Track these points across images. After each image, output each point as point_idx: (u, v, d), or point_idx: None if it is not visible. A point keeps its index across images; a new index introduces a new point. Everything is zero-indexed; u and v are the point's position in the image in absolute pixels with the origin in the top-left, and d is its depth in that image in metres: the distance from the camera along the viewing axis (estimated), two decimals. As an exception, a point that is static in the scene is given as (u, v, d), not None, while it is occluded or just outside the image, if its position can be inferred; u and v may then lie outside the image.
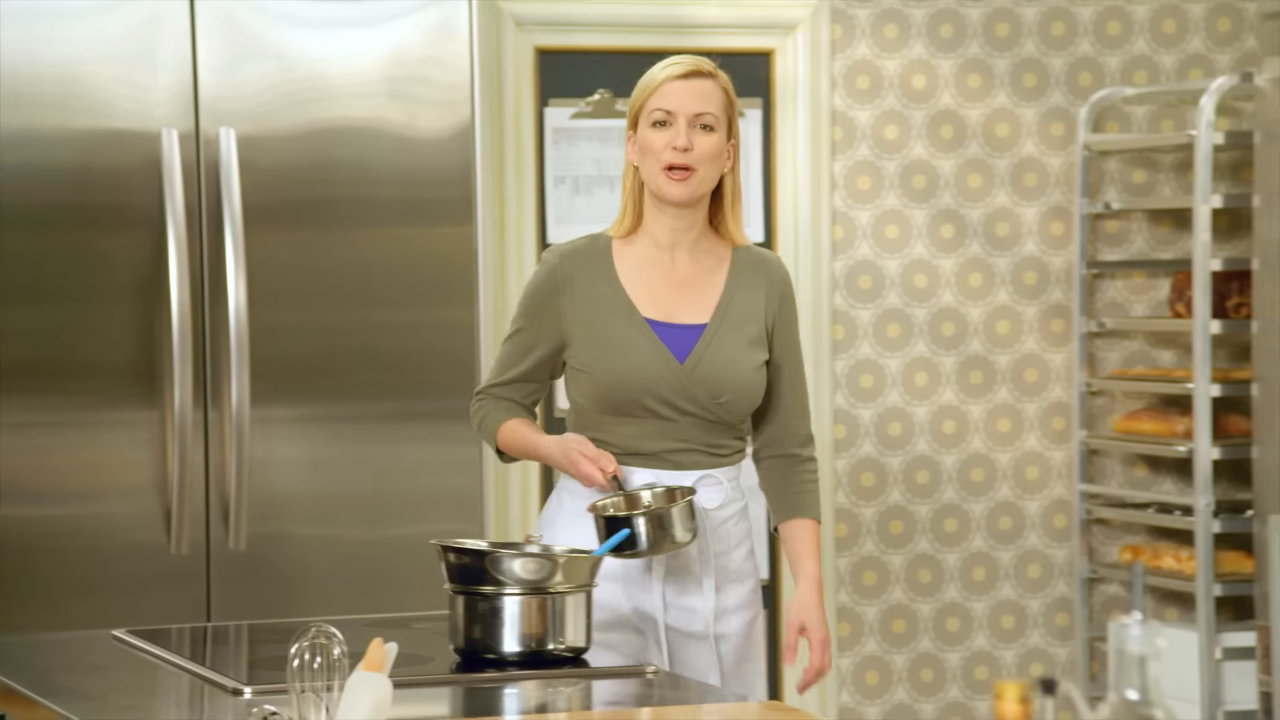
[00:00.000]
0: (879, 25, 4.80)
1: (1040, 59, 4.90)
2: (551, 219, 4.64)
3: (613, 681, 2.80)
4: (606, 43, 4.65)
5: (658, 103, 3.17)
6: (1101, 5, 4.90)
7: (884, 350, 4.85)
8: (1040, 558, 4.95)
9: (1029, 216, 4.93)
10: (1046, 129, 4.91)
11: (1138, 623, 1.68)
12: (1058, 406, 4.97)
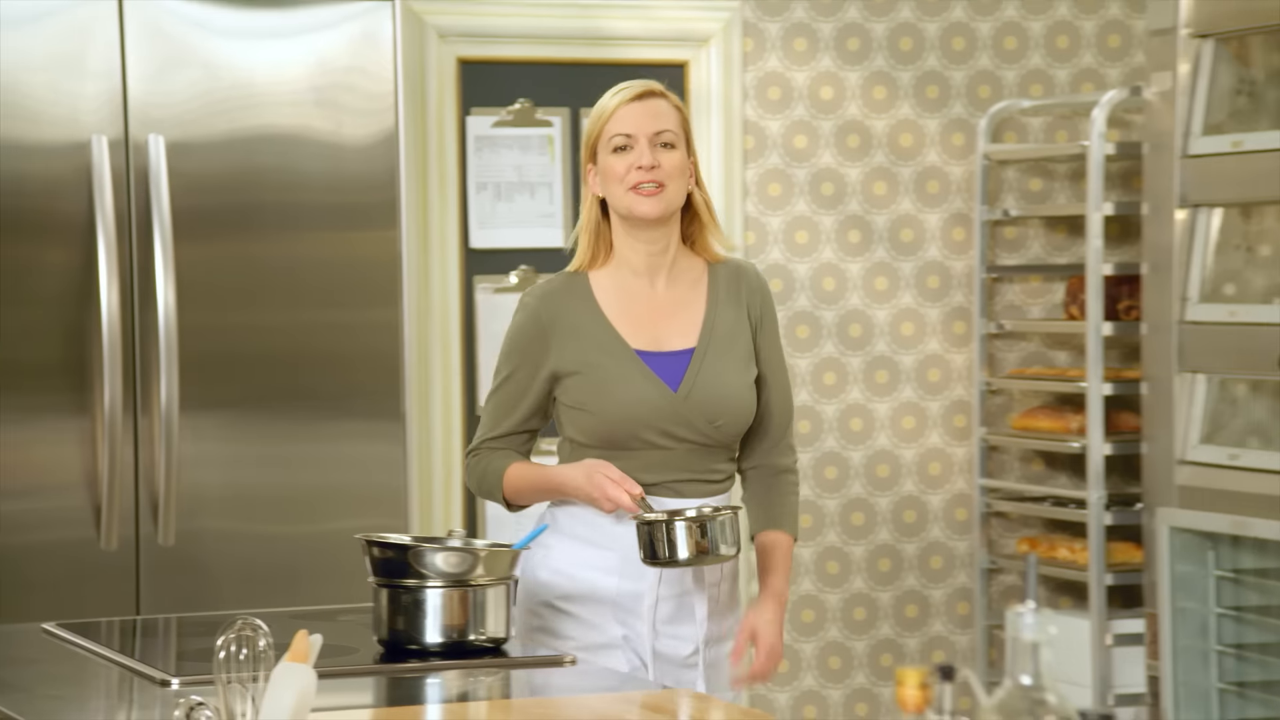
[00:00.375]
0: (789, 39, 4.81)
1: (942, 72, 4.92)
2: (474, 224, 4.62)
3: (533, 670, 2.79)
4: (526, 54, 4.64)
5: (615, 128, 3.07)
6: (999, 21, 4.93)
7: (794, 350, 4.86)
8: (942, 549, 4.97)
9: (932, 222, 4.94)
10: (948, 139, 4.93)
11: (1031, 611, 1.68)
12: (959, 405, 4.99)
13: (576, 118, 4.66)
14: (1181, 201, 4.40)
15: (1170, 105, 4.41)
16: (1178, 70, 4.39)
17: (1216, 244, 4.43)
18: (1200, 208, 4.41)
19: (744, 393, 3.10)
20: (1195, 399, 4.42)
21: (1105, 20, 4.97)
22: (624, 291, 3.11)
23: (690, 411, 3.04)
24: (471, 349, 4.62)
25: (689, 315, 3.12)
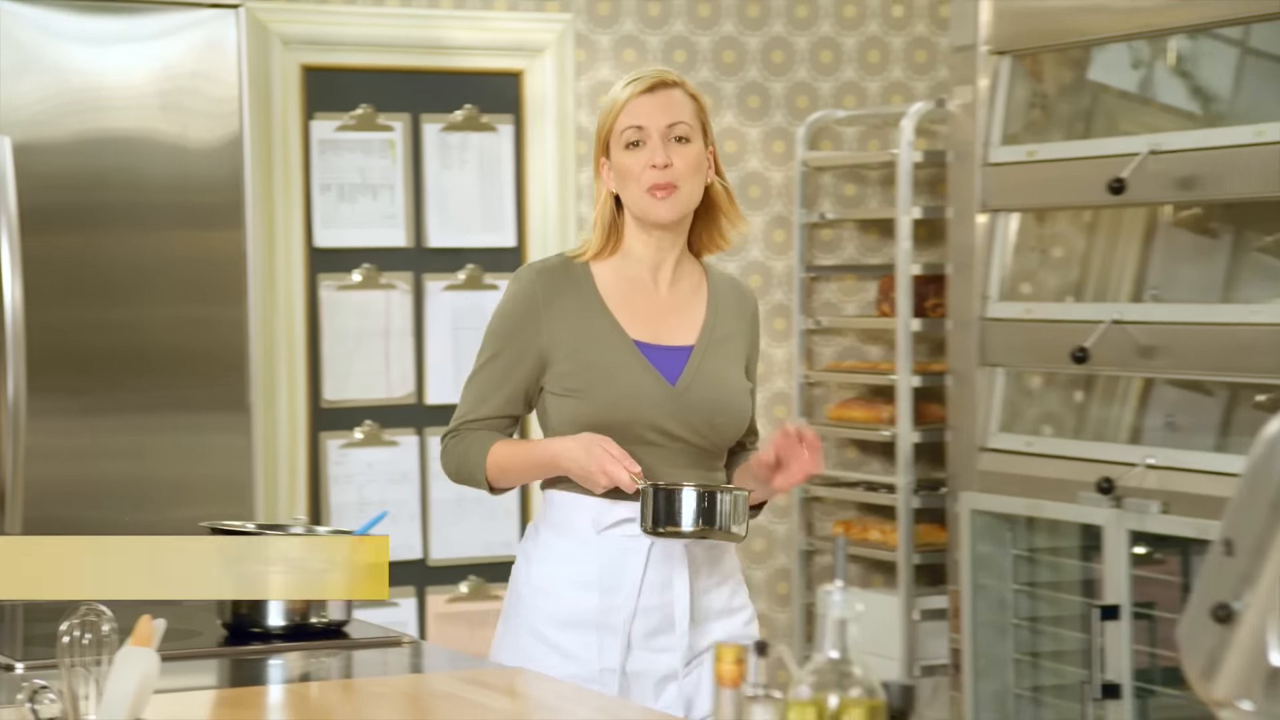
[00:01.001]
0: (619, 49, 4.80)
1: (763, 83, 4.93)
2: (318, 224, 4.56)
3: (372, 651, 2.75)
4: (368, 61, 4.58)
5: (627, 121, 2.76)
6: (816, 36, 4.96)
7: (624, 345, 4.85)
8: (764, 532, 4.98)
9: (755, 225, 4.96)
10: (769, 146, 4.95)
11: (839, 589, 1.68)
12: (780, 396, 5.01)
13: (417, 122, 4.62)
14: (982, 206, 4.45)
15: (971, 117, 4.45)
16: (978, 85, 4.44)
17: (1014, 246, 4.49)
18: (999, 212, 4.46)
19: (742, 395, 2.83)
20: (995, 390, 4.47)
21: (913, 37, 5.02)
22: (626, 282, 2.82)
23: (688, 407, 2.75)
24: (316, 344, 4.56)
25: (689, 314, 2.84)
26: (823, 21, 4.97)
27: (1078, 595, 4.27)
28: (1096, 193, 4.11)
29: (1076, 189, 4.21)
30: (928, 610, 4.71)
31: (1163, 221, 4.27)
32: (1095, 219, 4.43)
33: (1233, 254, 4.12)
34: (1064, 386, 4.47)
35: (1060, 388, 4.47)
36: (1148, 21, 4.08)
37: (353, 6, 4.60)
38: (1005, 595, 4.44)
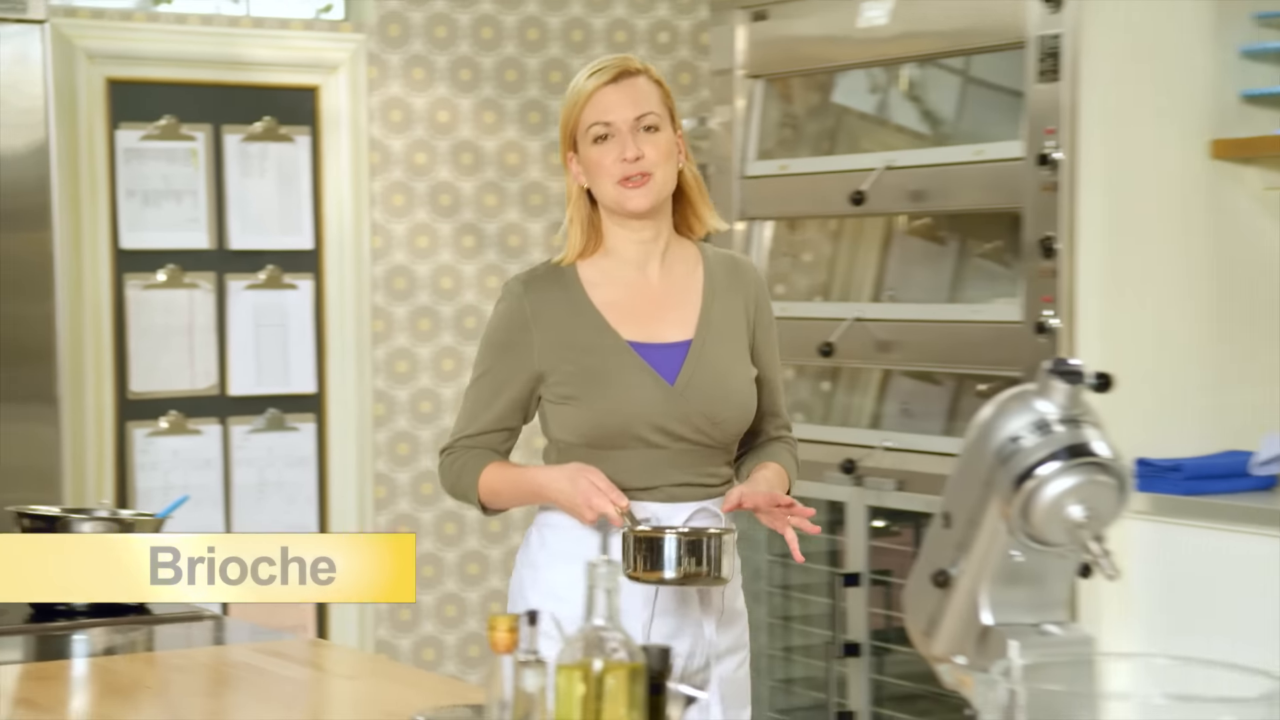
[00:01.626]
0: (408, 68, 4.77)
1: (542, 101, 4.93)
2: (123, 227, 4.45)
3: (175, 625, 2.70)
4: (171, 75, 4.49)
5: (593, 116, 2.49)
6: (590, 57, 4.94)
7: (417, 341, 4.82)
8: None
9: (535, 230, 4.96)
10: (548, 158, 4.95)
11: (605, 563, 1.69)
12: (558, 386, 5.02)
13: (218, 133, 4.54)
14: (740, 215, 4.50)
15: (730, 134, 4.50)
16: (736, 105, 4.49)
17: (769, 251, 4.54)
18: (755, 220, 4.51)
19: (745, 387, 2.53)
20: (753, 381, 4.51)
21: (677, 61, 5.06)
22: (614, 281, 2.54)
23: (688, 406, 2.47)
24: (123, 339, 4.47)
25: (685, 305, 2.55)
26: (596, 45, 4.98)
27: (824, 565, 4.33)
28: (840, 203, 4.18)
29: (823, 200, 4.28)
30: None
31: (898, 230, 4.35)
32: (839, 227, 4.50)
33: (958, 259, 4.21)
34: (812, 378, 4.53)
35: (809, 379, 4.54)
36: (883, 51, 4.16)
37: (156, 24, 4.51)
38: (760, 565, 4.49)
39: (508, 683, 1.68)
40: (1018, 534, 1.56)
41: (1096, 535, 1.53)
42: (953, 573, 1.64)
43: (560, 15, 4.93)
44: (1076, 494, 1.53)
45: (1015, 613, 1.59)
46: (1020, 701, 1.38)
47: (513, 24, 4.89)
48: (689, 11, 5.03)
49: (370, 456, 4.75)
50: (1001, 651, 1.56)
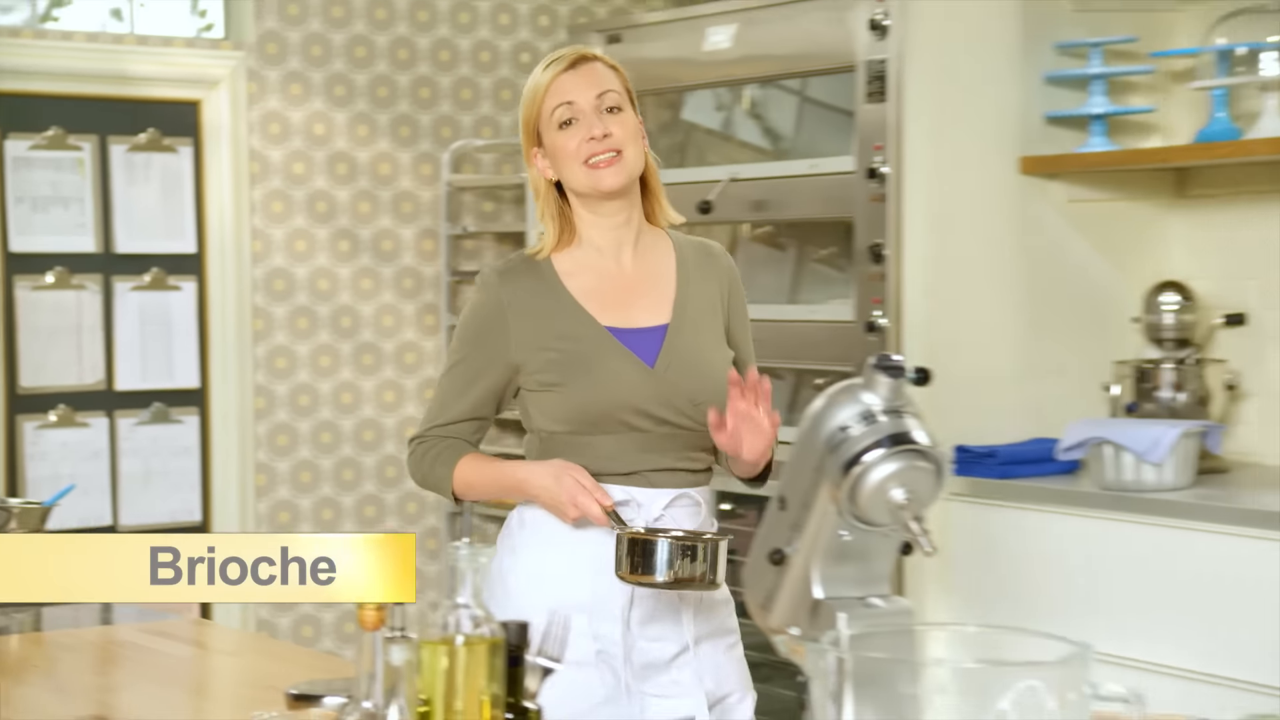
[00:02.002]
0: (286, 84, 4.71)
1: (413, 115, 4.91)
2: (13, 231, 4.35)
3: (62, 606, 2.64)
4: (59, 89, 4.40)
5: (555, 100, 2.31)
6: (456, 76, 4.95)
7: (295, 338, 4.77)
8: (417, 497, 4.96)
9: (407, 236, 4.93)
10: (418, 169, 4.92)
11: (465, 545, 1.68)
12: (430, 382, 4.98)
13: (104, 143, 4.46)
14: (597, 222, 4.49)
15: (589, 147, 4.49)
16: (594, 120, 4.48)
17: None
18: (612, 227, 4.51)
19: (723, 369, 2.35)
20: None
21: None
22: (589, 269, 2.36)
23: (669, 389, 2.30)
24: (12, 338, 4.37)
25: (660, 290, 2.37)
26: (462, 64, 4.97)
27: (675, 545, 4.35)
28: (689, 212, 4.17)
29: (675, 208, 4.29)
30: (553, 560, 4.76)
31: (742, 237, 4.38)
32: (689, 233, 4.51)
33: (796, 264, 4.25)
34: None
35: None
36: (727, 73, 4.18)
37: (44, 41, 4.42)
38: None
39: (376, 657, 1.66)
40: (846, 515, 1.58)
41: (916, 515, 1.55)
42: (788, 551, 1.66)
43: (428, 36, 4.90)
44: (898, 478, 1.55)
45: (843, 587, 1.61)
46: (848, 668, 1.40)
47: (384, 44, 4.85)
48: (549, 34, 5.03)
49: (251, 447, 4.70)
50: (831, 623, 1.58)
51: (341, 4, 4.79)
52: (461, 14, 4.93)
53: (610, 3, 5.06)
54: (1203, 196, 3.90)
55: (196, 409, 4.62)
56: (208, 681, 2.39)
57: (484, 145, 4.97)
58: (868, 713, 1.37)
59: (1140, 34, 3.83)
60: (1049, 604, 3.47)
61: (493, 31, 4.98)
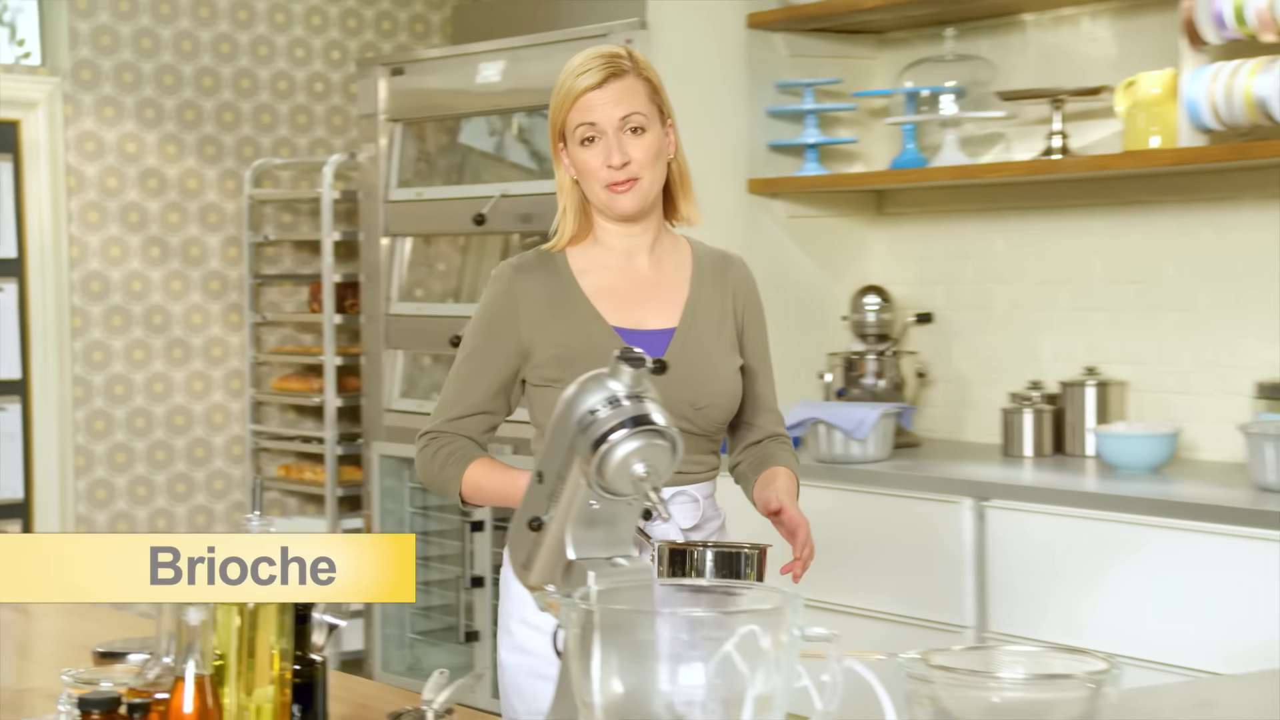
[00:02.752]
0: (100, 107, 4.53)
1: (217, 136, 4.77)
2: None
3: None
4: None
5: (579, 118, 2.06)
6: (257, 103, 4.83)
7: (110, 334, 4.60)
8: (224, 475, 4.83)
9: (213, 243, 4.79)
10: (223, 184, 4.79)
11: (256, 517, 1.64)
12: (235, 372, 4.86)
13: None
14: (385, 232, 4.44)
15: (375, 166, 4.44)
16: (380, 143, 4.43)
17: (409, 262, 4.50)
18: (397, 237, 4.46)
19: (729, 375, 2.11)
20: (396, 367, 4.47)
21: (331, 106, 4.96)
22: (603, 268, 2.11)
23: (671, 391, 1.97)
24: None
25: (671, 294, 2.12)
26: (262, 92, 4.84)
27: (456, 515, 4.32)
28: (465, 224, 4.17)
29: (452, 221, 4.26)
30: (348, 529, 4.66)
31: (513, 245, 4.37)
32: (466, 243, 4.49)
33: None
34: (446, 364, 4.51)
35: (444, 364, 4.52)
36: (497, 103, 4.17)
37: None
38: (404, 515, 4.45)
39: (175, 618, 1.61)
40: (595, 487, 1.58)
41: (654, 487, 1.56)
42: (545, 519, 1.65)
43: (231, 66, 4.77)
44: (639, 455, 1.55)
45: (593, 549, 1.61)
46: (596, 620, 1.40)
47: (190, 72, 4.71)
48: (339, 66, 4.94)
49: (70, 431, 4.52)
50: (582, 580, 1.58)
51: (150, 36, 4.63)
52: (260, 47, 4.81)
53: (394, 39, 4.99)
54: (897, 214, 4.02)
55: (19, 398, 4.42)
56: (28, 643, 2.28)
57: (282, 164, 4.86)
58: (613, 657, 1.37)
59: (844, 77, 3.93)
60: (773, 559, 3.52)
61: (289, 63, 4.86)
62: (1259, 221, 3.30)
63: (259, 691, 1.57)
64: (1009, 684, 1.52)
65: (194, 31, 4.71)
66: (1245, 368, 3.32)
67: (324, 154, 4.90)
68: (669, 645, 1.36)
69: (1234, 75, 2.99)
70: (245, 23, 4.79)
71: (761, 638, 1.34)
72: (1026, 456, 3.48)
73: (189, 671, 1.54)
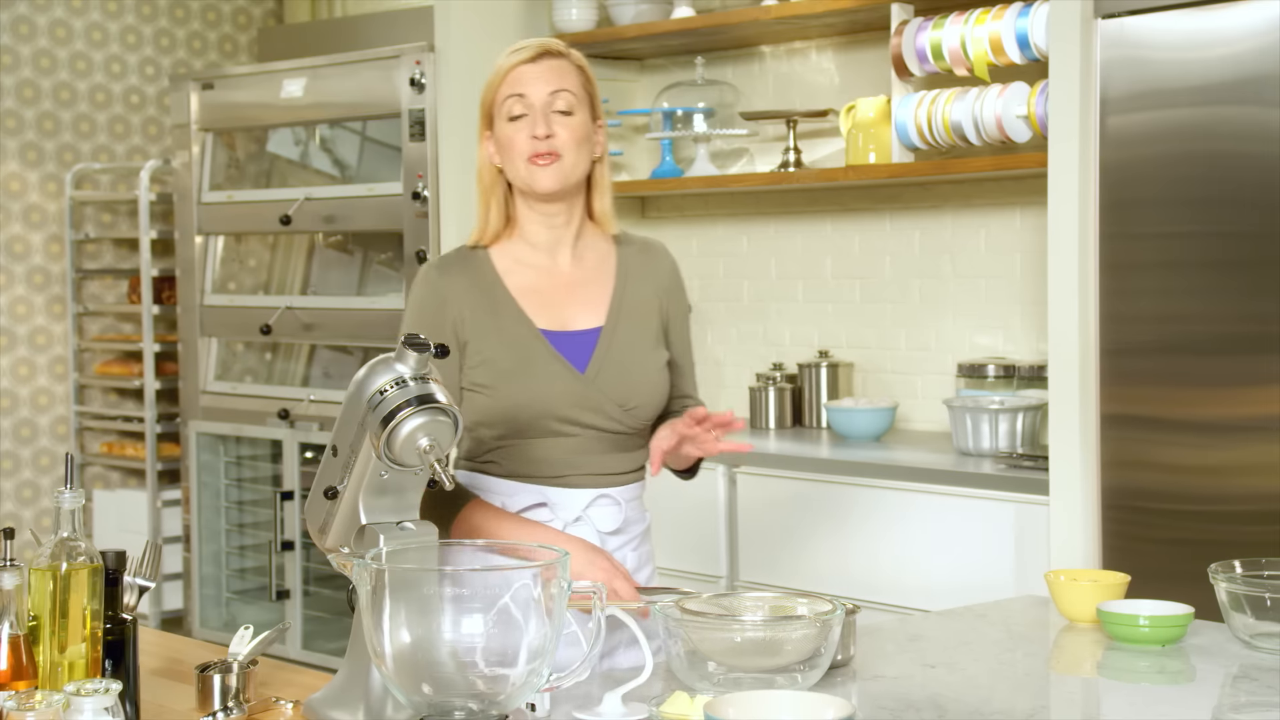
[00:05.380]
0: (-77, 112, 4.22)
1: (39, 143, 4.50)
2: None
3: None
4: None
5: (509, 90, 1.81)
6: (76, 112, 4.59)
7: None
8: (50, 453, 4.59)
9: (36, 240, 4.52)
10: (45, 187, 4.52)
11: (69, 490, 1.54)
12: (60, 359, 4.60)
13: None
14: (198, 231, 4.27)
15: (189, 171, 4.26)
16: (193, 150, 4.25)
17: (221, 258, 4.34)
18: (210, 235, 4.29)
19: (655, 374, 1.86)
20: (211, 353, 4.31)
21: (146, 116, 4.73)
22: (527, 267, 1.86)
23: (599, 395, 1.81)
24: None
25: (596, 293, 1.87)
26: (80, 103, 4.59)
27: (268, 485, 4.19)
28: (273, 224, 4.04)
29: (261, 221, 4.12)
30: (167, 500, 4.48)
31: (318, 244, 4.25)
32: (275, 241, 4.35)
33: (362, 264, 4.16)
34: (258, 350, 4.36)
35: (255, 350, 4.37)
36: (301, 115, 4.05)
37: None
38: (220, 487, 4.30)
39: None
40: (384, 459, 1.53)
41: (438, 458, 1.52)
42: (339, 488, 1.60)
43: (51, 79, 4.51)
44: (424, 430, 1.51)
45: (383, 515, 1.57)
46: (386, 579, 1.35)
47: (10, 84, 4.43)
48: (154, 80, 4.71)
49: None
50: (374, 542, 1.54)
51: (-28, 46, 4.34)
52: (79, 62, 4.56)
53: (205, 57, 4.79)
54: (659, 217, 4.04)
55: None
56: None
57: (101, 168, 4.61)
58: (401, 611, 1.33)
59: (610, 97, 3.93)
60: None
61: (107, 77, 4.62)
62: (958, 226, 3.43)
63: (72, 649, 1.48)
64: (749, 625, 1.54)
65: (14, 47, 4.43)
66: (949, 350, 3.44)
67: (141, 160, 4.67)
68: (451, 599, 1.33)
69: (934, 102, 3.09)
70: (63, 40, 4.53)
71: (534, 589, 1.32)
72: (770, 429, 3.54)
73: (3, 632, 1.44)
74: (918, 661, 1.71)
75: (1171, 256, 2.52)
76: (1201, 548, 2.43)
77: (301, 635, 3.99)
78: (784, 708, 1.31)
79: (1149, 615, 1.76)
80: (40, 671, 1.47)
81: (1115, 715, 1.59)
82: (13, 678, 1.43)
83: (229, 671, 1.56)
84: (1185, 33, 2.48)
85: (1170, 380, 2.52)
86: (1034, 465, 2.80)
